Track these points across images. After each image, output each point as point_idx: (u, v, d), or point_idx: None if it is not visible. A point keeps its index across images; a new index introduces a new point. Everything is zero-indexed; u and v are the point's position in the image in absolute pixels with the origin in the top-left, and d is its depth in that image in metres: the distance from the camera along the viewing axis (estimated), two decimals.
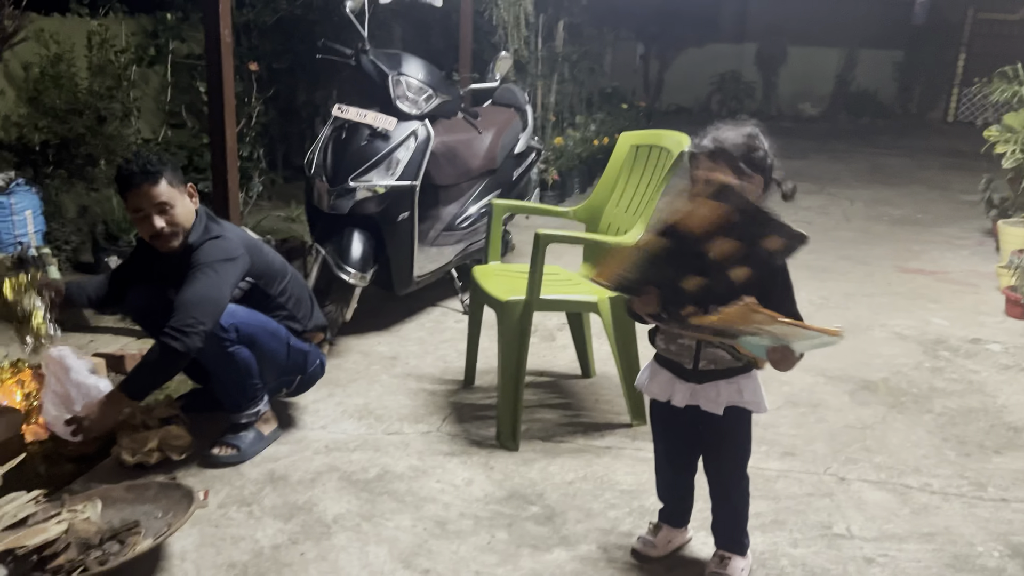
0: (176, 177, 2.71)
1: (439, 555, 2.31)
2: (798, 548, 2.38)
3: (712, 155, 2.01)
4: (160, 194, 2.65)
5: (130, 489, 2.46)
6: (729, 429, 2.14)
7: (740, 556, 2.23)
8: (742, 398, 2.10)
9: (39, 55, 4.91)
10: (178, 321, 2.50)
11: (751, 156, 1.98)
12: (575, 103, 8.88)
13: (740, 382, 2.09)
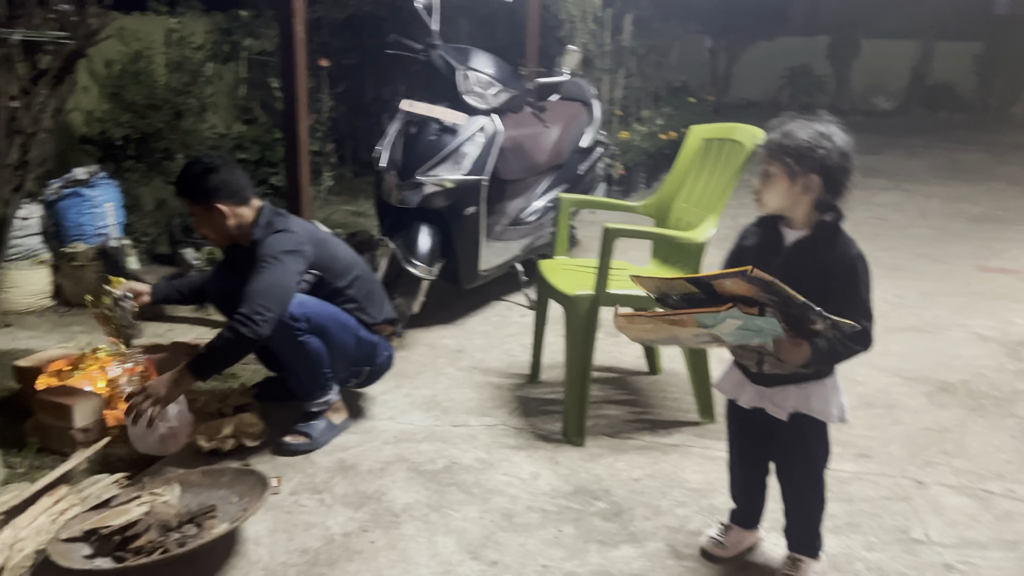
0: (202, 199, 2.79)
1: (506, 547, 2.32)
2: (873, 552, 2.32)
3: (768, 149, 1.98)
4: (191, 210, 2.88)
5: (206, 474, 2.53)
6: (798, 435, 2.09)
7: (812, 559, 2.18)
8: (809, 405, 2.04)
9: (120, 52, 5.08)
10: (246, 309, 2.57)
11: (810, 154, 1.91)
12: (642, 97, 8.80)
13: (809, 388, 2.04)
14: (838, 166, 1.92)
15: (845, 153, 1.92)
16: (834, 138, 1.93)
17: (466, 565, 2.24)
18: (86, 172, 4.54)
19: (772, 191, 1.98)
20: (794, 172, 1.93)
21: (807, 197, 1.94)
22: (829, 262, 1.94)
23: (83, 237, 4.38)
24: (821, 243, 1.96)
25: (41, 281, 4.20)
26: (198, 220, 2.88)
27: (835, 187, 1.93)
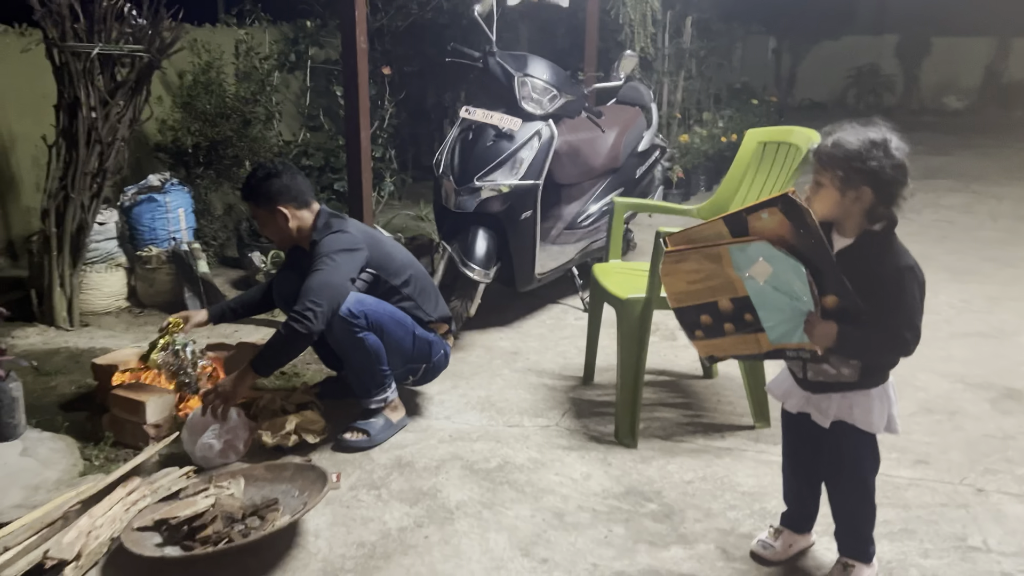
0: (265, 202, 2.94)
1: (557, 545, 2.36)
2: (929, 559, 2.29)
3: (819, 158, 1.95)
4: (254, 213, 3.03)
5: (269, 469, 2.63)
6: (843, 443, 2.08)
7: (864, 564, 2.17)
8: (851, 414, 2.03)
9: (192, 63, 5.28)
10: (299, 306, 2.69)
11: (861, 166, 1.87)
12: (703, 100, 8.75)
13: (853, 397, 2.03)
14: (891, 178, 1.87)
15: (899, 164, 1.88)
16: (888, 147, 1.88)
17: (517, 562, 2.29)
18: (159, 179, 4.73)
19: (822, 201, 1.95)
20: (845, 184, 1.89)
21: (857, 208, 1.91)
22: (877, 271, 1.91)
23: (156, 241, 4.56)
24: (868, 253, 1.93)
25: (117, 283, 4.39)
26: (262, 223, 3.02)
27: (887, 198, 1.89)
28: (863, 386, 2.01)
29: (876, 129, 1.92)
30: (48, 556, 2.22)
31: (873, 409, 2.02)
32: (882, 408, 2.02)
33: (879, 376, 2.01)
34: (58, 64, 3.91)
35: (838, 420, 2.04)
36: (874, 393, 2.01)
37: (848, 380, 2.00)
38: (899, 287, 1.89)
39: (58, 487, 2.61)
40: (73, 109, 3.93)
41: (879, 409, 2.02)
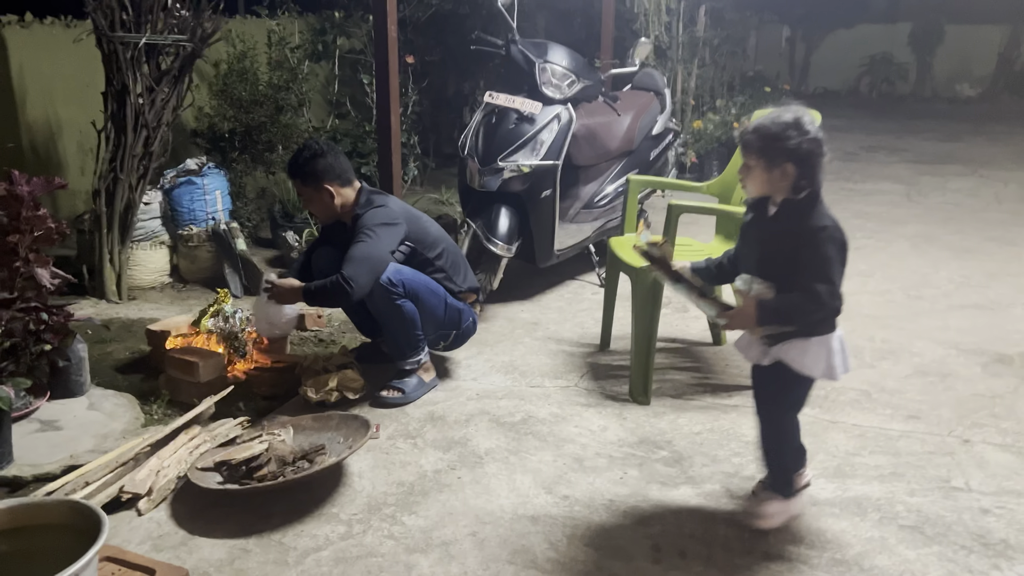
0: (325, 172, 3.16)
1: (577, 485, 2.61)
2: (914, 497, 2.53)
3: (744, 145, 2.18)
4: (307, 188, 3.22)
5: (316, 419, 2.90)
6: (773, 378, 2.28)
7: (777, 496, 2.38)
8: (788, 354, 2.22)
9: (227, 53, 5.54)
10: (347, 270, 2.97)
11: (782, 146, 2.09)
12: (716, 87, 8.94)
13: (792, 342, 2.21)
14: (808, 151, 2.09)
15: (813, 138, 2.09)
16: (803, 126, 2.10)
17: (541, 498, 2.55)
18: (197, 163, 5.00)
19: (753, 181, 2.19)
20: (770, 163, 2.12)
21: (785, 183, 2.13)
22: (796, 232, 2.13)
23: (196, 221, 4.83)
24: (789, 217, 2.16)
25: (161, 260, 4.68)
26: (307, 199, 3.25)
27: (808, 170, 2.11)
28: (802, 334, 2.20)
29: (789, 111, 2.14)
30: (124, 491, 2.50)
31: (808, 351, 2.20)
32: (818, 353, 2.20)
33: (817, 327, 2.19)
34: (107, 53, 4.18)
35: (776, 360, 2.25)
36: (814, 340, 2.20)
37: (790, 330, 2.20)
38: (813, 245, 2.11)
39: (124, 436, 2.89)
40: (121, 96, 4.21)
41: (815, 353, 2.20)
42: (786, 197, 2.17)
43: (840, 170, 7.70)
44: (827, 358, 2.21)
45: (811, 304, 2.14)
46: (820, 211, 2.16)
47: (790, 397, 2.33)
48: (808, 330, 2.20)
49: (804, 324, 2.19)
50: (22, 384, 2.61)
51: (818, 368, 2.22)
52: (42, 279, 2.72)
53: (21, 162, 4.74)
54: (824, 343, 2.21)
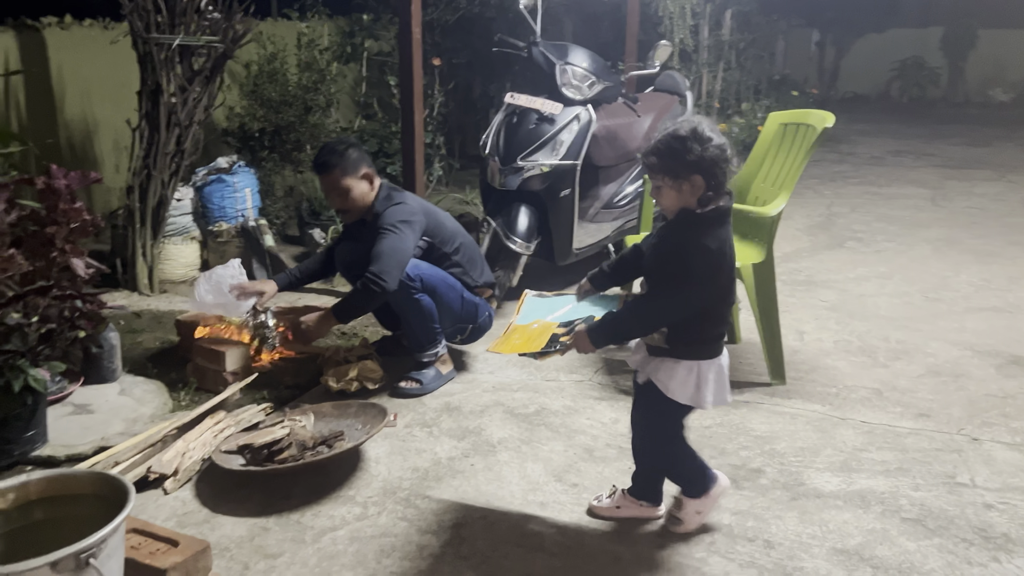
0: (352, 167, 3.25)
1: (586, 473, 2.69)
2: (919, 492, 2.57)
3: (649, 167, 2.14)
4: (334, 182, 3.27)
5: (336, 407, 3.00)
6: (645, 398, 2.29)
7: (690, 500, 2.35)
8: (656, 375, 2.21)
9: (258, 54, 5.69)
10: (375, 268, 3.06)
11: (686, 160, 2.05)
12: (741, 90, 8.97)
13: (663, 362, 2.20)
14: (712, 159, 2.05)
15: (717, 145, 2.05)
16: (701, 136, 2.05)
17: (551, 485, 2.62)
18: (227, 161, 5.14)
19: (665, 199, 2.14)
20: (676, 179, 2.08)
21: (695, 195, 2.09)
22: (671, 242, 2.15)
23: (225, 218, 4.97)
24: (680, 228, 2.14)
25: (192, 255, 4.82)
26: (343, 191, 3.26)
27: (715, 179, 2.07)
28: (674, 354, 2.18)
29: (686, 123, 2.09)
30: (151, 471, 2.61)
31: (676, 375, 2.17)
32: (687, 379, 2.17)
33: (689, 350, 2.17)
34: (142, 54, 4.33)
35: (648, 380, 2.24)
36: (683, 364, 2.17)
37: (660, 345, 2.19)
38: (682, 256, 2.09)
39: (153, 420, 3.01)
40: (155, 95, 4.35)
41: (683, 378, 2.17)
42: (679, 214, 2.13)
43: (865, 174, 7.70)
44: (696, 384, 2.18)
45: (637, 315, 2.16)
46: (711, 232, 2.10)
47: (661, 419, 2.29)
48: (678, 352, 2.17)
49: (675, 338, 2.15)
50: (57, 368, 2.73)
51: (684, 393, 2.18)
52: (77, 269, 2.85)
53: (59, 158, 4.91)
54: (694, 369, 2.17)
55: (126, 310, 3.29)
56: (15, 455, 2.68)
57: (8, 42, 4.68)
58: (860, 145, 9.19)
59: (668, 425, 2.32)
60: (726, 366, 2.24)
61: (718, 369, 2.21)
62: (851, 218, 6.15)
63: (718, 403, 2.23)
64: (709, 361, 2.19)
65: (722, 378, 2.22)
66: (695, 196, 2.09)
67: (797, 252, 5.29)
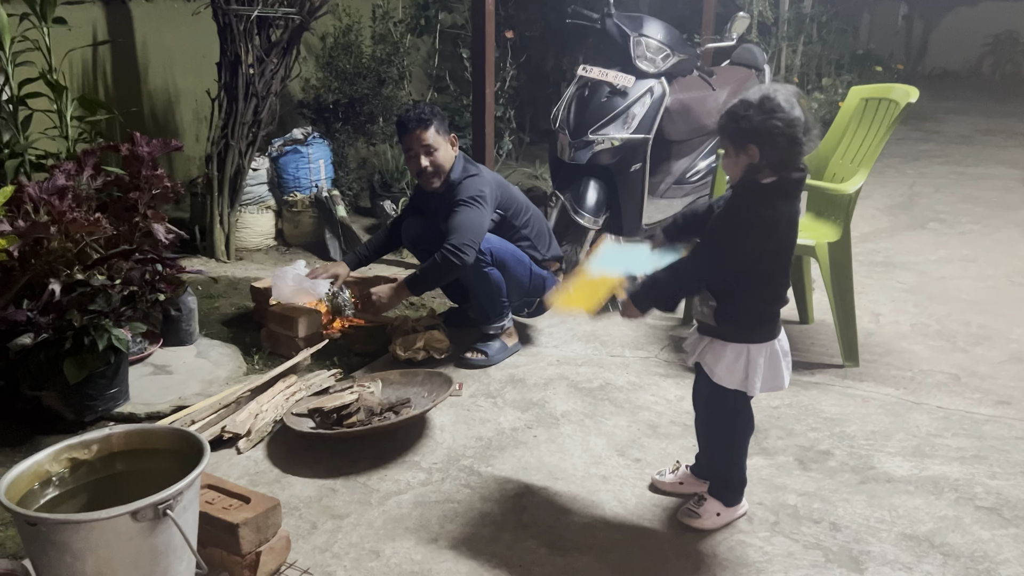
0: (443, 127, 3.28)
1: (649, 449, 2.68)
2: (995, 480, 2.48)
3: (717, 129, 2.09)
4: (427, 138, 3.24)
5: (403, 375, 3.05)
6: (702, 383, 2.22)
7: (717, 501, 2.29)
8: (704, 357, 2.16)
9: (334, 26, 5.75)
10: (455, 240, 3.06)
11: (743, 125, 1.97)
12: (823, 65, 8.69)
13: (712, 344, 2.14)
14: (769, 130, 1.95)
15: (783, 117, 1.94)
16: (768, 104, 1.96)
17: (613, 459, 2.62)
18: (302, 132, 5.22)
19: (726, 165, 2.08)
20: (735, 146, 2.01)
21: (748, 164, 2.01)
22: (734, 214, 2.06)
23: (300, 188, 5.06)
24: (738, 200, 2.07)
25: (267, 224, 4.93)
26: (432, 149, 3.23)
27: (772, 152, 1.97)
28: (723, 336, 2.11)
29: (760, 90, 2.00)
30: (225, 430, 2.70)
31: (723, 359, 2.11)
32: (735, 364, 2.10)
33: (739, 331, 2.10)
34: (221, 25, 4.42)
35: (699, 361, 2.19)
36: (731, 347, 2.10)
37: (708, 320, 2.13)
38: (733, 221, 2.03)
39: (227, 382, 3.11)
40: (234, 66, 4.45)
41: (730, 362, 2.10)
42: (743, 178, 2.05)
43: (951, 154, 7.41)
44: (745, 369, 2.10)
45: (676, 274, 2.07)
46: (772, 202, 2.02)
47: (725, 406, 2.20)
48: (727, 332, 2.11)
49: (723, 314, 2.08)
50: (138, 329, 2.84)
51: (731, 379, 2.12)
52: (158, 234, 2.95)
53: (142, 127, 5.06)
54: (743, 353, 2.10)
55: (204, 275, 3.39)
56: (99, 411, 2.81)
57: (97, 14, 4.83)
58: (947, 123, 8.82)
59: (723, 411, 2.23)
60: (783, 350, 2.16)
61: (771, 354, 2.12)
62: (934, 198, 5.93)
63: (770, 389, 2.16)
64: (760, 345, 2.11)
65: (776, 363, 2.14)
66: (746, 166, 2.02)
67: (876, 232, 5.13)
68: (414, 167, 3.32)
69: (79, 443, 1.93)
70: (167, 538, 1.75)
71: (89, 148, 3.09)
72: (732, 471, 2.30)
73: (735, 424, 2.25)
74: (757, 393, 2.14)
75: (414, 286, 3.20)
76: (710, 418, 2.31)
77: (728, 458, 2.30)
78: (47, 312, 2.56)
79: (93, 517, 1.65)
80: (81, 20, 4.68)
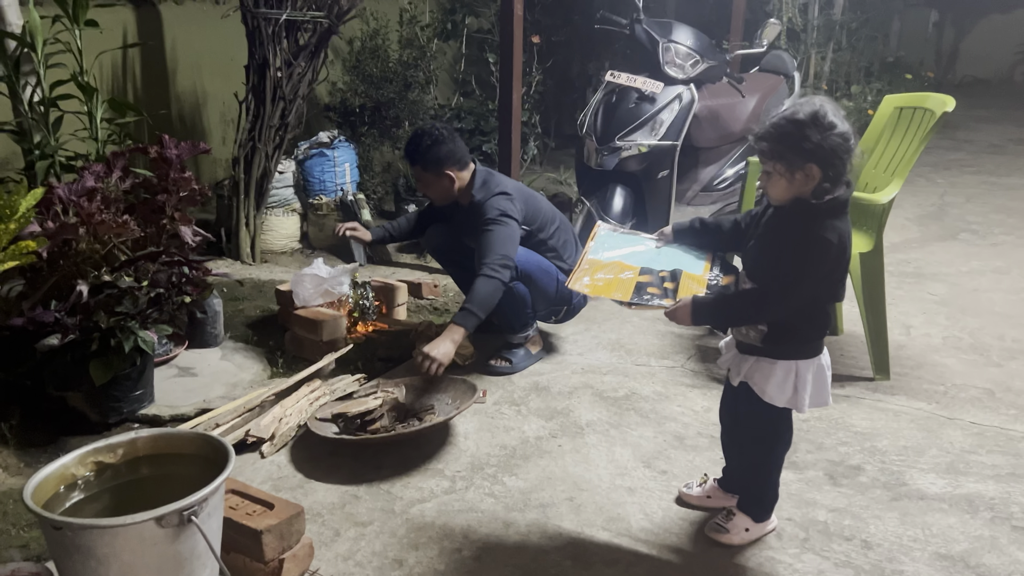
0: (431, 164, 3.17)
1: (676, 461, 2.64)
2: None
3: (760, 151, 1.98)
4: (416, 174, 3.28)
5: (427, 381, 3.02)
6: (744, 404, 2.17)
7: (747, 517, 2.26)
8: (752, 377, 2.10)
9: (361, 30, 5.76)
10: (493, 261, 3.01)
11: (802, 147, 1.89)
12: (852, 72, 8.60)
13: (759, 363, 2.09)
14: (832, 149, 1.89)
15: (840, 133, 1.89)
16: (822, 121, 1.89)
17: (639, 471, 2.58)
18: (329, 136, 5.23)
19: (775, 187, 1.99)
20: (790, 168, 1.93)
21: (809, 186, 1.94)
22: (795, 238, 1.97)
23: (325, 191, 5.06)
24: (795, 220, 1.99)
25: (292, 226, 4.94)
26: (425, 184, 3.27)
27: (833, 171, 1.92)
28: (770, 354, 2.06)
29: (807, 104, 1.93)
30: (249, 434, 2.69)
31: (773, 378, 2.06)
32: (785, 382, 2.06)
33: (787, 349, 2.05)
34: (250, 28, 4.44)
35: (744, 381, 2.12)
36: (780, 364, 2.05)
37: (754, 343, 2.08)
38: (801, 250, 1.95)
39: (251, 386, 3.11)
40: (262, 69, 4.46)
41: (780, 380, 2.06)
42: (798, 200, 1.97)
43: (983, 163, 7.29)
44: (794, 386, 2.06)
45: (751, 304, 2.02)
46: (830, 223, 1.95)
47: (767, 422, 2.16)
48: (774, 351, 2.06)
49: (773, 336, 2.04)
50: (164, 331, 2.85)
51: (781, 397, 2.07)
52: (185, 236, 2.96)
53: (170, 129, 5.09)
54: (792, 369, 2.05)
55: (230, 278, 3.38)
56: (124, 412, 2.81)
57: (127, 16, 4.86)
58: (979, 132, 8.69)
59: (770, 433, 2.20)
60: (827, 365, 2.12)
61: (818, 368, 2.08)
62: (966, 208, 5.84)
63: (817, 404, 2.12)
64: (808, 361, 2.06)
65: (822, 378, 2.10)
66: (809, 186, 1.94)
67: (906, 243, 5.05)
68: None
69: (105, 446, 1.93)
70: (191, 544, 1.74)
71: (118, 150, 3.10)
72: (767, 487, 2.26)
73: (776, 441, 2.22)
74: (806, 410, 2.10)
75: (466, 321, 2.96)
76: (750, 435, 2.25)
77: (764, 475, 2.25)
78: (74, 313, 2.57)
79: (118, 523, 1.64)
80: (111, 22, 4.72)
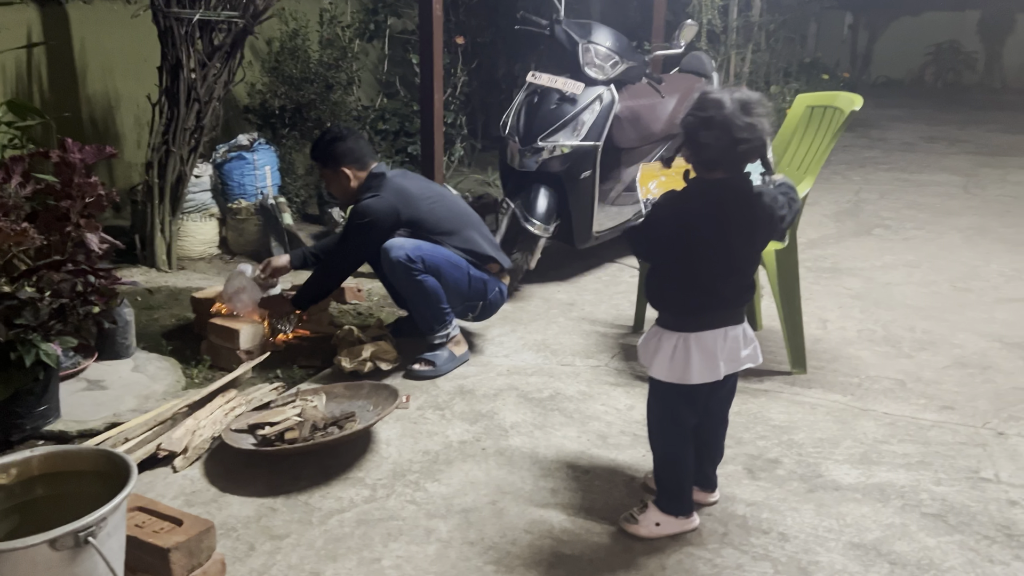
0: (330, 160, 3.30)
1: (599, 460, 2.64)
2: (940, 486, 2.50)
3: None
4: (321, 172, 3.44)
5: (348, 388, 2.97)
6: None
7: (658, 509, 2.27)
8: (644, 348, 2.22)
9: (280, 31, 5.65)
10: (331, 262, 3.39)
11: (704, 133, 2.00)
12: (771, 73, 8.79)
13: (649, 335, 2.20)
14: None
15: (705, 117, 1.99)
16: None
17: (563, 471, 2.58)
18: (248, 138, 5.11)
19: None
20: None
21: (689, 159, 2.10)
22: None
23: (245, 195, 4.94)
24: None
25: (210, 232, 4.81)
26: (327, 181, 3.43)
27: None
28: (661, 322, 2.19)
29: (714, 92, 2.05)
30: (161, 448, 2.60)
31: (660, 350, 2.15)
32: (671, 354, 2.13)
33: (673, 319, 2.15)
34: (162, 29, 4.30)
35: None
36: (667, 336, 2.14)
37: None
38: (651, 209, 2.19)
39: (165, 397, 3.00)
40: (175, 70, 4.33)
41: (667, 353, 2.13)
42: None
43: (896, 160, 7.54)
44: (683, 360, 2.12)
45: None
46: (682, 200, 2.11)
47: (654, 402, 2.24)
48: (665, 320, 2.17)
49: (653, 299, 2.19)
50: (68, 343, 2.73)
51: (666, 370, 2.14)
52: (91, 244, 2.83)
53: (81, 134, 4.90)
54: (662, 337, 2.14)
55: (139, 286, 3.28)
56: (27, 429, 2.68)
57: (31, 15, 4.67)
58: (892, 131, 8.99)
59: (662, 409, 2.23)
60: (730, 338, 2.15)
61: (689, 342, 2.11)
62: (880, 205, 6.02)
63: (704, 379, 2.14)
64: (699, 334, 2.12)
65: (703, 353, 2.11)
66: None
67: (823, 239, 5.18)
68: None
69: None
70: (90, 567, 1.66)
71: (18, 155, 2.96)
72: (672, 478, 2.27)
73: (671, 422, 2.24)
74: (694, 381, 2.13)
75: (298, 301, 3.36)
76: (650, 415, 2.28)
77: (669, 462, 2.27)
78: None
79: (7, 547, 1.55)
80: (13, 22, 4.52)
